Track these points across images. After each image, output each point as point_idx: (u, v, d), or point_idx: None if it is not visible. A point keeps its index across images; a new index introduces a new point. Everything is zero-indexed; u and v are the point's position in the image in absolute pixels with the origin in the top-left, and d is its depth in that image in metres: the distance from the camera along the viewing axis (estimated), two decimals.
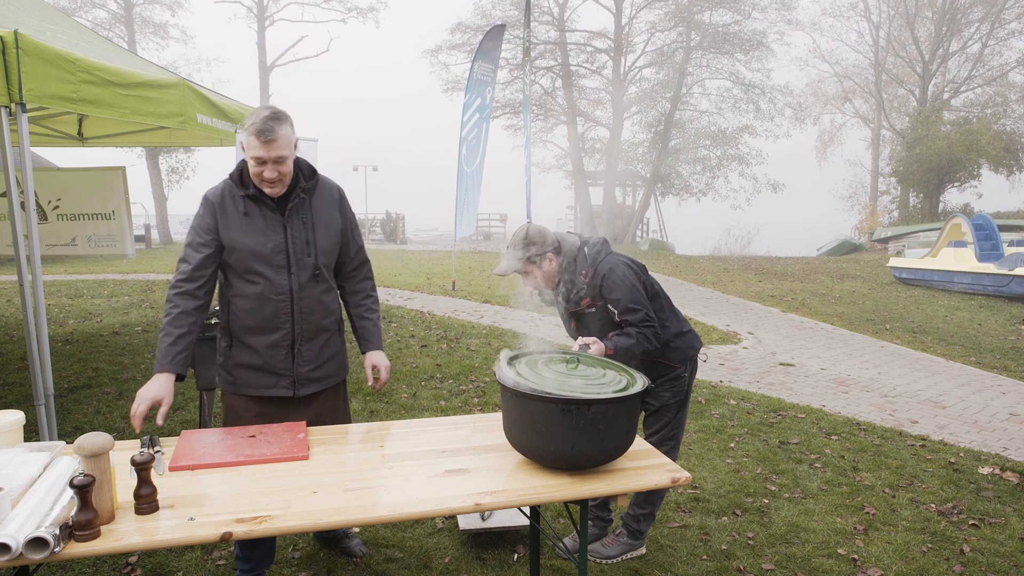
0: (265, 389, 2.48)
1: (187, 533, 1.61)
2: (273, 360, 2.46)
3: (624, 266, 2.74)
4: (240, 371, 2.48)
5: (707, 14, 25.25)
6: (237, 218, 2.38)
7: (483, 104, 11.45)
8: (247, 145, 2.30)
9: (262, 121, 2.27)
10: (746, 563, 3.06)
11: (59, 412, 4.71)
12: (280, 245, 2.41)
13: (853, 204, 33.82)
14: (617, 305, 2.67)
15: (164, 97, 4.36)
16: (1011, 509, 3.68)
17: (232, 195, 2.40)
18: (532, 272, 2.71)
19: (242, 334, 2.45)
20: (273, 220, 2.41)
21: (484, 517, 3.17)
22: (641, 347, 2.66)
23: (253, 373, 2.48)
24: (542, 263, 2.69)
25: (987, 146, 24.52)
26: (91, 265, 15.78)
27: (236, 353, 2.48)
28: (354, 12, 30.80)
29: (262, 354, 2.45)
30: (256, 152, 2.28)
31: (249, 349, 2.46)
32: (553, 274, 2.74)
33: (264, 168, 2.31)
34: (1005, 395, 6.19)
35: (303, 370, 2.50)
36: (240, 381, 2.49)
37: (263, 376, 2.47)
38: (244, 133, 2.31)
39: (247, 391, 2.49)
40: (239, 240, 2.37)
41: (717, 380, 6.34)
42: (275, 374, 2.47)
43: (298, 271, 2.44)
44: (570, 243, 2.77)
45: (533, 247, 2.67)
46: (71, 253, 7.28)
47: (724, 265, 18.81)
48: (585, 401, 1.92)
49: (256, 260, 2.38)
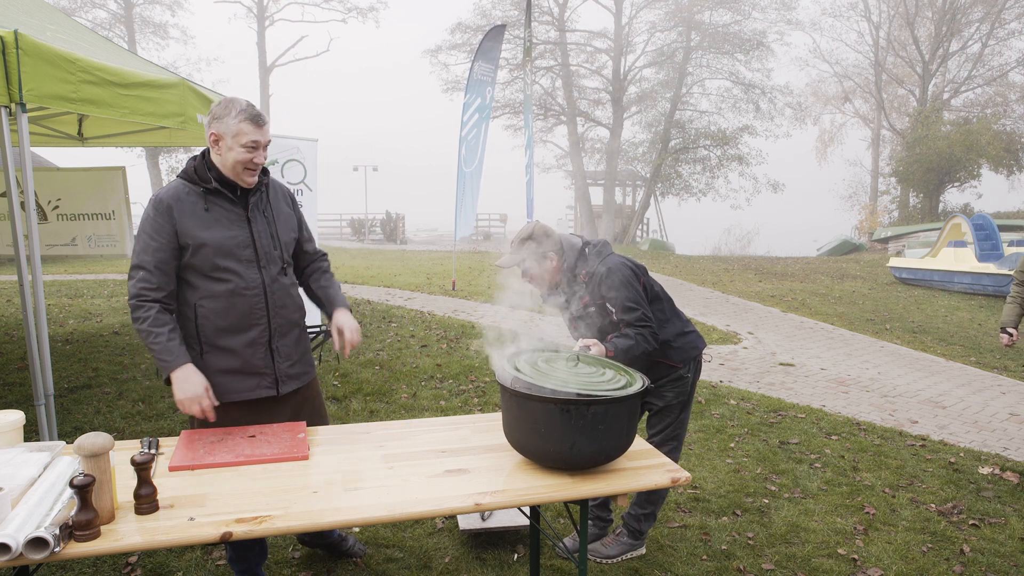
0: (248, 392, 2.39)
1: (187, 533, 1.61)
2: (253, 359, 2.38)
3: (623, 266, 2.75)
4: (219, 378, 2.34)
5: (707, 14, 25.25)
6: (199, 215, 2.30)
7: (483, 104, 11.46)
8: (238, 132, 2.27)
9: (250, 107, 2.30)
10: (746, 563, 3.06)
11: (59, 412, 4.71)
12: (247, 239, 2.37)
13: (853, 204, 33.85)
14: (615, 304, 2.67)
15: (164, 97, 4.36)
16: (1011, 509, 3.68)
17: (189, 192, 2.33)
18: (533, 269, 2.72)
19: (215, 337, 2.35)
20: (236, 214, 2.37)
21: (484, 517, 3.17)
22: (640, 348, 2.67)
23: (233, 378, 2.37)
24: (544, 261, 2.71)
25: (987, 146, 24.52)
26: (91, 265, 15.79)
27: (210, 360, 2.35)
28: (354, 12, 30.83)
29: (240, 355, 2.37)
30: (252, 136, 2.28)
31: (225, 352, 2.36)
32: (554, 273, 2.75)
33: (255, 154, 2.31)
34: (1005, 395, 6.19)
35: (283, 366, 2.45)
36: (221, 389, 2.34)
37: (244, 379, 2.39)
38: (231, 121, 2.27)
39: (229, 398, 2.36)
40: (204, 236, 2.29)
41: (717, 380, 6.34)
42: (256, 374, 2.40)
43: (267, 264, 2.41)
44: (573, 244, 2.79)
45: (536, 244, 2.69)
46: (71, 253, 7.28)
47: (724, 265, 18.81)
48: (584, 401, 1.92)
49: (223, 256, 2.32)
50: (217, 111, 2.31)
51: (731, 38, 24.87)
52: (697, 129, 26.31)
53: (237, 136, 2.28)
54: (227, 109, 2.29)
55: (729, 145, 25.21)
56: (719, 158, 25.61)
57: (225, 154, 2.31)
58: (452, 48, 26.97)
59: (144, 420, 4.72)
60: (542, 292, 2.84)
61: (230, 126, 2.28)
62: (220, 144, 2.31)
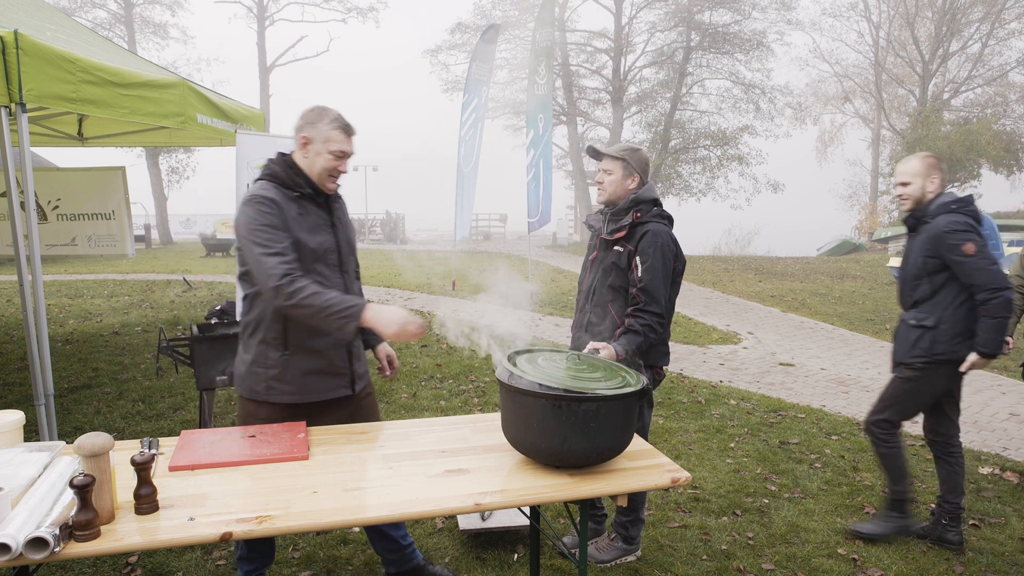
0: (329, 392, 2.46)
1: (187, 533, 1.61)
2: (336, 360, 2.46)
3: (671, 242, 2.84)
4: (304, 379, 2.40)
5: (707, 14, 25.23)
6: (295, 218, 2.35)
7: (479, 104, 11.47)
8: (328, 138, 2.35)
9: (342, 117, 2.38)
10: (746, 563, 3.06)
11: (59, 412, 4.71)
12: (333, 244, 2.44)
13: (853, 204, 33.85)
14: (646, 261, 2.74)
15: (164, 97, 4.36)
16: (1011, 509, 3.68)
17: (282, 195, 2.35)
18: (614, 170, 2.87)
19: (303, 338, 2.38)
20: (323, 219, 2.44)
21: (484, 517, 3.17)
22: (647, 342, 2.72)
23: (317, 378, 2.43)
24: (628, 171, 2.86)
25: (987, 146, 24.51)
26: (91, 265, 15.78)
27: (296, 361, 2.39)
28: (354, 12, 30.81)
29: (325, 355, 2.42)
30: (341, 146, 2.37)
31: (311, 353, 2.40)
32: (624, 190, 2.89)
33: (340, 162, 2.40)
34: (1005, 395, 6.19)
35: (356, 366, 2.54)
36: (306, 389, 2.41)
37: (326, 379, 2.45)
38: (323, 127, 2.34)
39: (312, 398, 2.42)
40: (304, 239, 2.34)
41: (717, 380, 6.34)
42: (337, 374, 2.47)
43: (347, 269, 2.50)
44: (652, 187, 2.94)
45: (634, 160, 2.85)
46: (71, 253, 7.28)
47: (724, 265, 18.81)
48: (576, 398, 1.90)
49: (315, 259, 2.37)
50: (310, 116, 2.37)
51: (731, 38, 24.85)
52: (697, 129, 26.29)
53: (327, 142, 2.35)
54: (320, 116, 2.36)
55: (729, 145, 25.20)
56: (719, 158, 25.59)
57: (313, 159, 2.37)
58: (452, 48, 26.97)
59: (144, 420, 4.72)
60: (600, 198, 2.96)
61: (322, 131, 2.35)
62: (309, 148, 2.37)
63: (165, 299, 10.45)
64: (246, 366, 2.43)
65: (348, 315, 2.16)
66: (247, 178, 4.94)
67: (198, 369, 3.82)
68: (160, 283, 12.37)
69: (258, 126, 5.81)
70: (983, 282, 2.94)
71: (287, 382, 2.39)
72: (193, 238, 28.12)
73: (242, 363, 2.46)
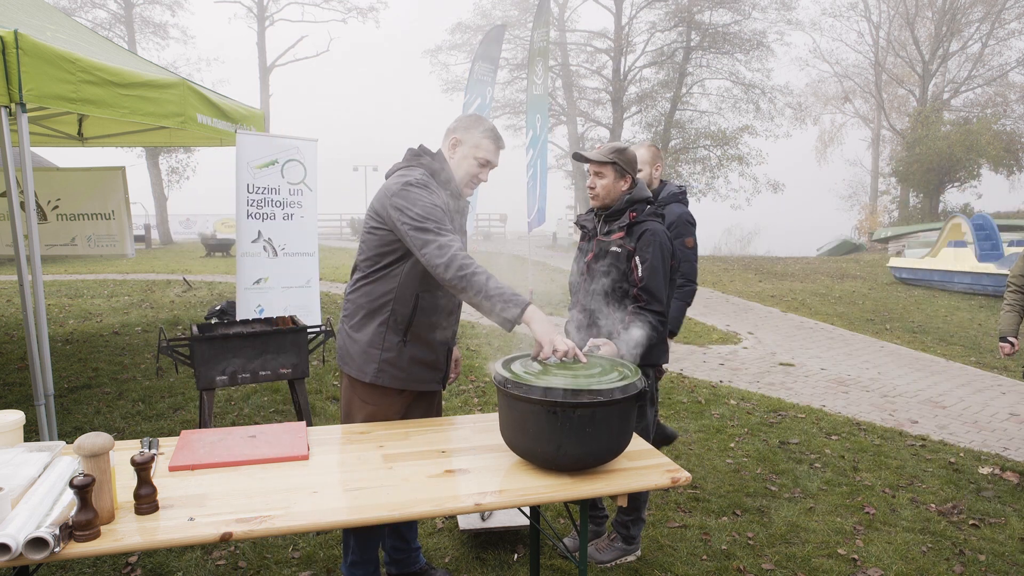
0: (428, 384, 2.56)
1: (187, 533, 1.61)
2: (439, 355, 2.56)
3: (668, 240, 2.84)
4: (413, 367, 2.49)
5: (707, 14, 25.23)
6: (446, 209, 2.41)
7: (483, 104, 11.46)
8: (478, 144, 2.44)
9: (495, 129, 2.49)
10: (746, 563, 3.06)
11: (59, 412, 4.71)
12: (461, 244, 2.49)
13: (853, 204, 33.88)
14: (646, 260, 2.75)
15: (164, 97, 4.36)
16: (1011, 509, 3.68)
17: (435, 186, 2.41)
18: (606, 173, 2.85)
19: (423, 329, 2.47)
20: (458, 220, 2.51)
21: (484, 517, 3.17)
22: (650, 339, 2.71)
23: (423, 368, 2.52)
24: (619, 173, 2.84)
25: (987, 146, 24.53)
26: (91, 265, 15.79)
27: (410, 350, 2.47)
28: (354, 12, 30.83)
29: (435, 349, 2.53)
30: (489, 155, 2.47)
31: (425, 344, 2.50)
32: (617, 191, 2.87)
33: (482, 171, 2.49)
34: (1005, 395, 6.19)
35: (449, 364, 2.65)
36: (413, 377, 2.50)
37: (430, 371, 2.55)
38: (476, 133, 2.44)
39: (415, 386, 2.52)
40: None
41: (717, 380, 6.34)
42: (437, 368, 2.57)
43: None
44: (645, 186, 2.93)
45: (622, 157, 2.82)
46: (71, 253, 7.28)
47: (724, 265, 18.82)
48: (571, 403, 1.88)
49: None
50: (466, 121, 2.48)
51: (731, 38, 24.86)
52: (697, 129, 26.29)
53: (476, 148, 2.44)
54: (476, 123, 2.48)
55: (729, 145, 25.20)
56: (719, 158, 25.59)
57: (459, 161, 2.46)
58: (452, 48, 26.98)
59: (144, 420, 4.72)
60: (594, 204, 2.94)
61: (474, 136, 2.44)
62: (457, 149, 2.46)
63: (165, 299, 10.45)
64: (360, 346, 2.47)
65: (514, 301, 2.11)
66: (247, 178, 4.92)
67: (198, 369, 3.82)
68: (160, 283, 12.37)
69: (258, 126, 5.80)
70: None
71: (398, 367, 2.46)
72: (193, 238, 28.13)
73: (353, 343, 2.49)
